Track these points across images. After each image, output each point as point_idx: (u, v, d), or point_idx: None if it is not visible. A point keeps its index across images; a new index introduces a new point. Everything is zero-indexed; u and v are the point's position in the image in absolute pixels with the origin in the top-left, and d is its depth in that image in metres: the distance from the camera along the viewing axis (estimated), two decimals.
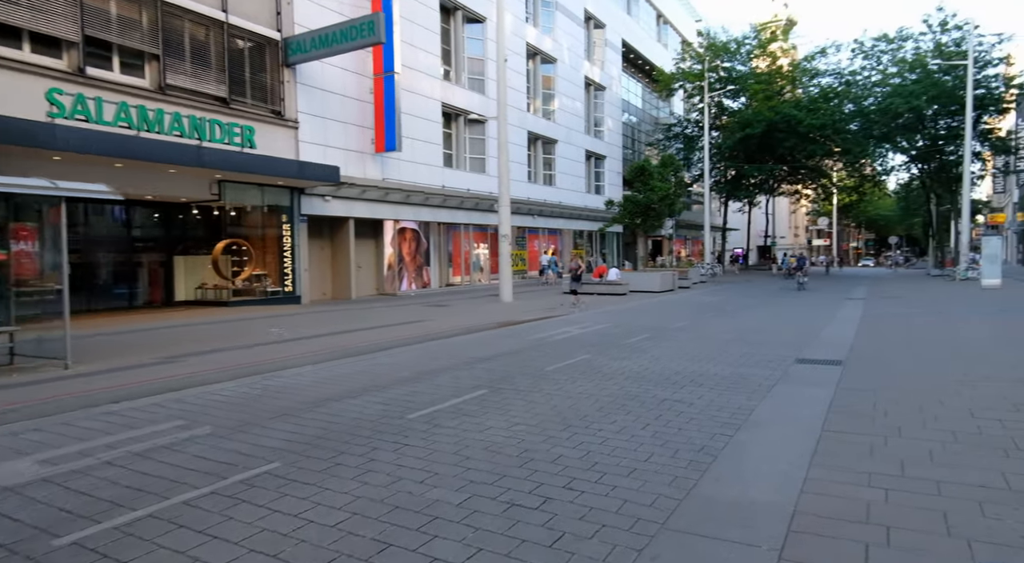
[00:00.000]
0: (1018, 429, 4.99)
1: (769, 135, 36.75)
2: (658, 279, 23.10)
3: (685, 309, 16.65)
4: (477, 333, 11.83)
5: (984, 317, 13.37)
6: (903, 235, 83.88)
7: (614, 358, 8.86)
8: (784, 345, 9.83)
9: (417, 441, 4.95)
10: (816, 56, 38.19)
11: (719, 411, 5.83)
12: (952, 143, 34.60)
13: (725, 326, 12.50)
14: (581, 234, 35.99)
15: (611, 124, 37.84)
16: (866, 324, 12.52)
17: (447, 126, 24.71)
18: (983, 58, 32.42)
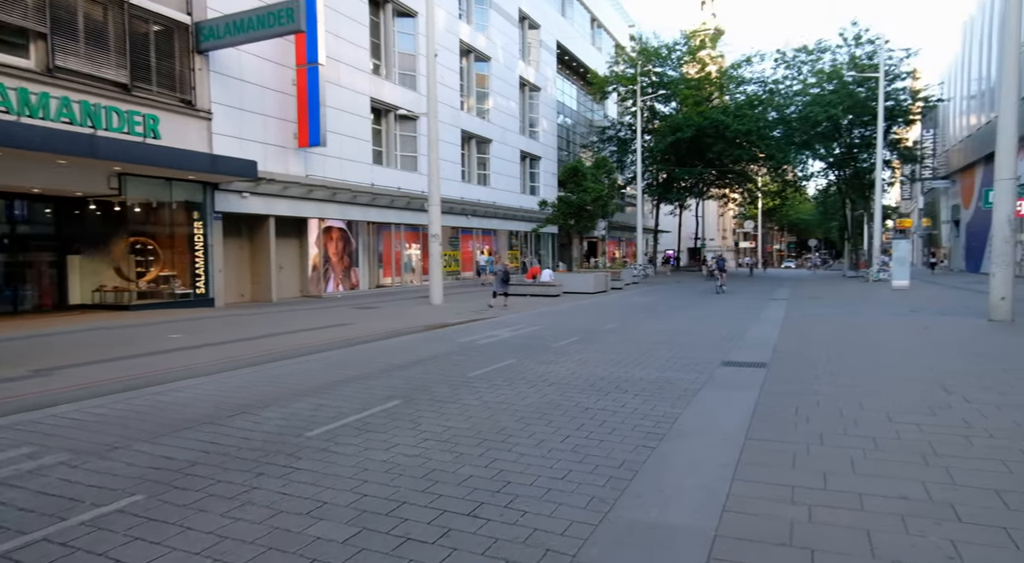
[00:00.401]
0: (934, 433, 4.94)
1: (698, 139, 37.75)
2: (591, 280, 23.10)
3: (616, 310, 16.61)
4: (400, 337, 11.27)
5: (896, 317, 13.90)
6: (822, 238, 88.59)
7: (541, 362, 8.53)
8: (711, 347, 9.79)
9: (310, 464, 4.41)
10: (742, 64, 39.52)
11: (643, 420, 5.56)
12: (865, 151, 36.56)
13: (655, 328, 12.44)
14: (516, 235, 35.82)
15: (546, 125, 37.85)
16: (789, 325, 12.75)
17: (377, 122, 23.91)
18: (893, 71, 34.38)
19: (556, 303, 19.01)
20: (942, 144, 45.80)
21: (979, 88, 36.19)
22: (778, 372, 7.64)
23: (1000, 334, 10.75)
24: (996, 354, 8.59)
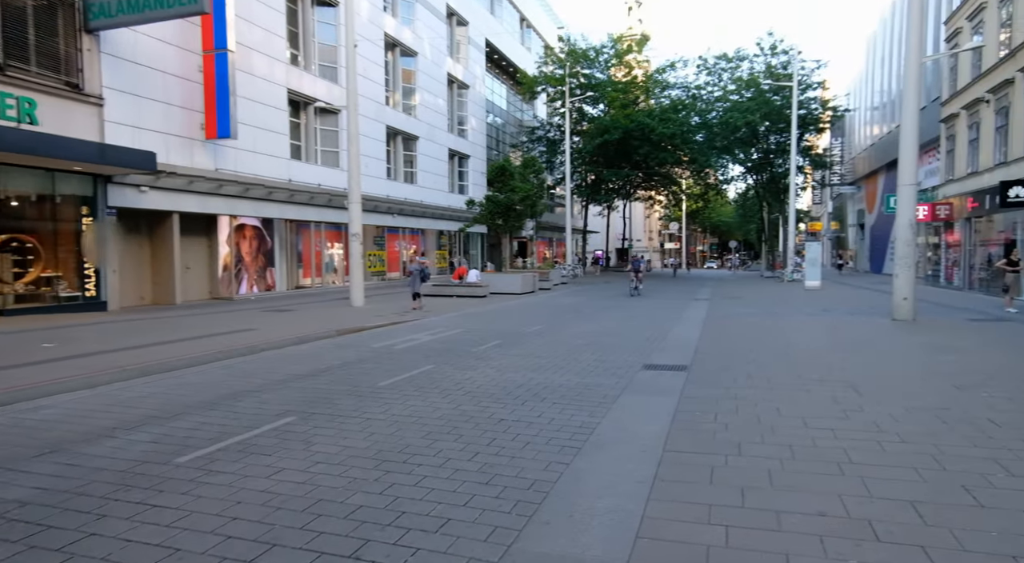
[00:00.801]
0: (848, 439, 4.85)
1: (625, 142, 38.36)
2: (519, 281, 22.86)
3: (543, 312, 16.38)
4: (310, 343, 10.54)
5: (809, 317, 14.34)
6: (741, 240, 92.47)
7: (459, 368, 8.10)
8: (634, 349, 9.65)
9: (171, 499, 3.79)
10: (666, 69, 40.47)
11: (559, 432, 5.23)
12: (780, 157, 38.23)
13: (579, 330, 12.25)
14: (445, 234, 35.19)
15: (475, 123, 37.41)
16: (709, 325, 12.87)
17: (295, 115, 22.75)
18: (805, 81, 36.10)
19: (482, 304, 18.61)
20: (849, 152, 48.68)
21: (881, 100, 38.61)
22: (698, 375, 7.53)
23: (903, 333, 11.20)
24: (901, 354, 8.85)
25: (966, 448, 4.57)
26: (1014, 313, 13.61)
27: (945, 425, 5.16)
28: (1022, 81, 17.70)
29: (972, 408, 5.69)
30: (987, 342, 9.95)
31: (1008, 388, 6.50)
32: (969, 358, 8.44)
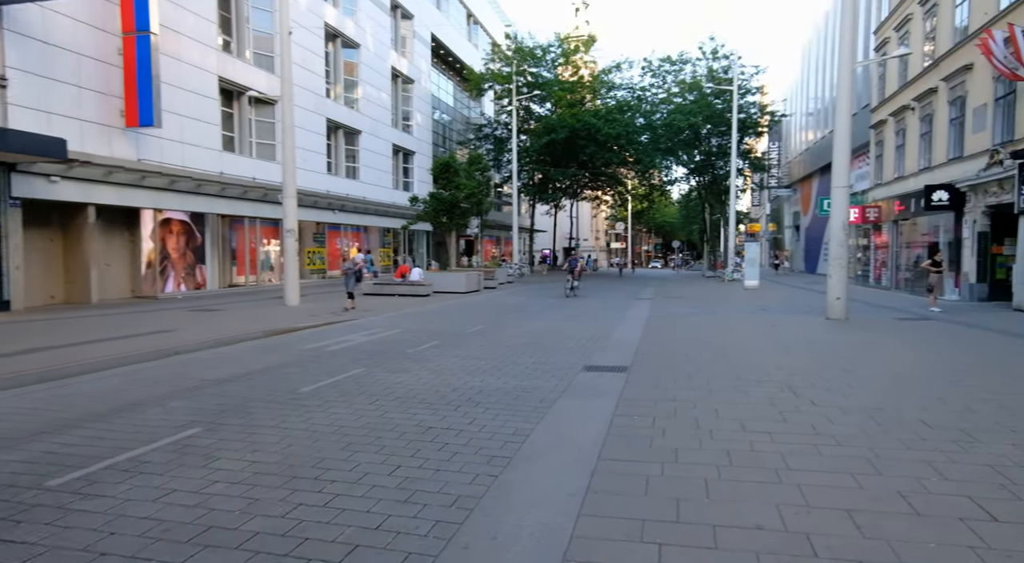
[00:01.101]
0: (785, 443, 4.72)
1: (572, 141, 38.46)
2: (463, 279, 22.46)
3: (486, 311, 16.06)
4: (233, 345, 9.88)
5: (748, 316, 14.54)
6: (684, 240, 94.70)
7: (391, 371, 7.68)
8: (575, 350, 9.45)
9: (30, 531, 3.26)
10: (612, 70, 40.81)
11: (490, 440, 4.91)
12: (722, 159, 39.11)
13: (521, 329, 11.98)
14: (390, 232, 34.41)
15: (420, 119, 36.74)
16: (651, 325, 12.84)
17: (228, 105, 21.66)
18: (745, 86, 37.05)
19: (425, 303, 18.14)
20: (785, 156, 50.44)
21: (816, 106, 40.10)
22: (638, 376, 7.36)
23: (836, 332, 11.42)
24: (835, 353, 8.96)
25: (900, 450, 4.51)
26: (938, 312, 14.16)
27: (879, 427, 5.11)
28: (944, 90, 18.53)
29: (904, 408, 5.69)
30: (915, 341, 10.22)
31: (937, 388, 6.58)
32: (899, 357, 8.60)
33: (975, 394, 6.23)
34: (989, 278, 16.44)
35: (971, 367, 7.82)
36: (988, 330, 11.35)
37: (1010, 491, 3.73)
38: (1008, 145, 14.87)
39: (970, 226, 16.72)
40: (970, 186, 16.45)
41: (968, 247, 16.78)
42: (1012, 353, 8.98)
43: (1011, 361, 8.32)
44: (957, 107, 17.90)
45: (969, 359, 8.45)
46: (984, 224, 16.35)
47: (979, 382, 6.83)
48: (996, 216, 16.11)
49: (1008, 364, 8.09)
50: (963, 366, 7.88)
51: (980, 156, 16.24)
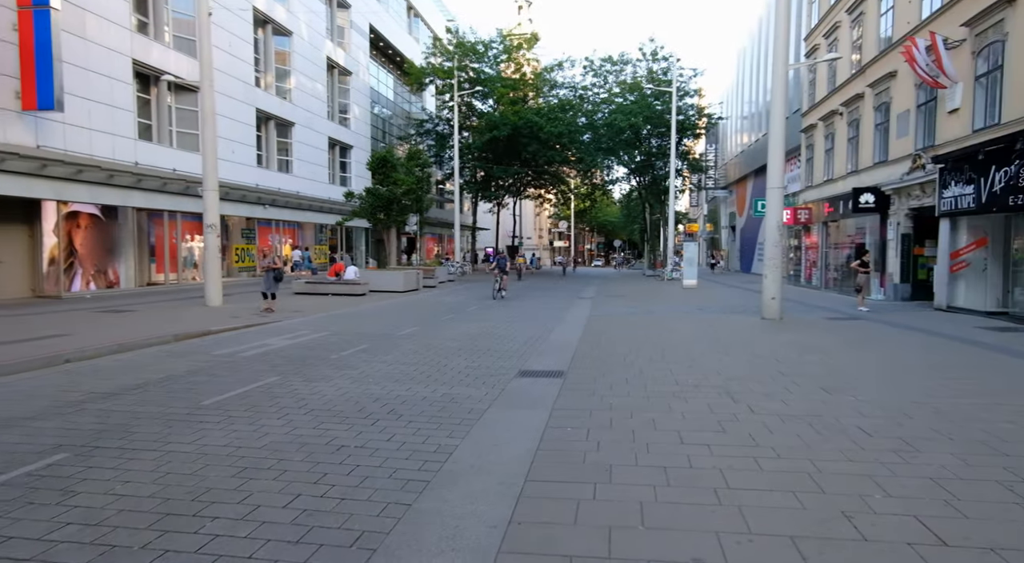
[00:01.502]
0: (724, 456, 4.44)
1: (515, 139, 38.20)
2: (401, 278, 21.74)
3: (422, 311, 15.47)
4: (138, 351, 8.98)
5: (687, 315, 14.52)
6: (626, 239, 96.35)
7: (310, 380, 7.05)
8: (511, 353, 9.05)
9: None
10: (555, 68, 40.75)
11: (408, 460, 4.42)
12: (661, 160, 39.70)
13: (457, 331, 11.49)
14: (326, 229, 33.18)
15: (359, 112, 35.60)
16: (591, 325, 12.60)
17: (145, 90, 20.18)
18: (683, 88, 37.69)
19: (359, 303, 17.37)
20: (722, 158, 51.77)
21: (750, 110, 41.23)
22: (575, 381, 7.01)
23: (772, 332, 11.46)
24: (771, 355, 8.89)
25: (841, 463, 4.29)
26: (866, 312, 14.53)
27: (819, 436, 4.91)
28: (871, 96, 19.17)
29: (842, 414, 5.54)
30: (847, 341, 10.33)
31: (871, 391, 6.51)
32: (833, 358, 8.60)
33: (909, 397, 6.17)
34: (912, 278, 17.08)
35: (901, 369, 7.87)
36: (913, 330, 11.65)
37: (955, 508, 3.53)
38: (929, 150, 15.44)
39: (894, 228, 17.33)
40: (894, 189, 17.04)
41: (892, 248, 17.39)
42: (939, 354, 9.15)
43: (939, 362, 8.43)
44: (882, 113, 18.54)
45: (899, 360, 8.52)
46: (907, 226, 16.97)
47: (911, 385, 6.82)
48: (918, 219, 16.73)
49: (936, 365, 8.18)
50: (894, 368, 7.91)
51: (903, 160, 16.83)
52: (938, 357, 8.74)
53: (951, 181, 13.94)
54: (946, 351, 9.29)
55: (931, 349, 9.46)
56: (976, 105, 13.70)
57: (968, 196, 13.26)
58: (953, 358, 8.69)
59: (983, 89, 13.57)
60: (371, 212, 23.43)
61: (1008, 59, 12.51)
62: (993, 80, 13.20)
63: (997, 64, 13.00)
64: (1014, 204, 11.69)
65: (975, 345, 9.77)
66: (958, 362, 8.37)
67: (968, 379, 7.14)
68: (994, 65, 13.13)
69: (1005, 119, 12.51)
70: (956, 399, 6.10)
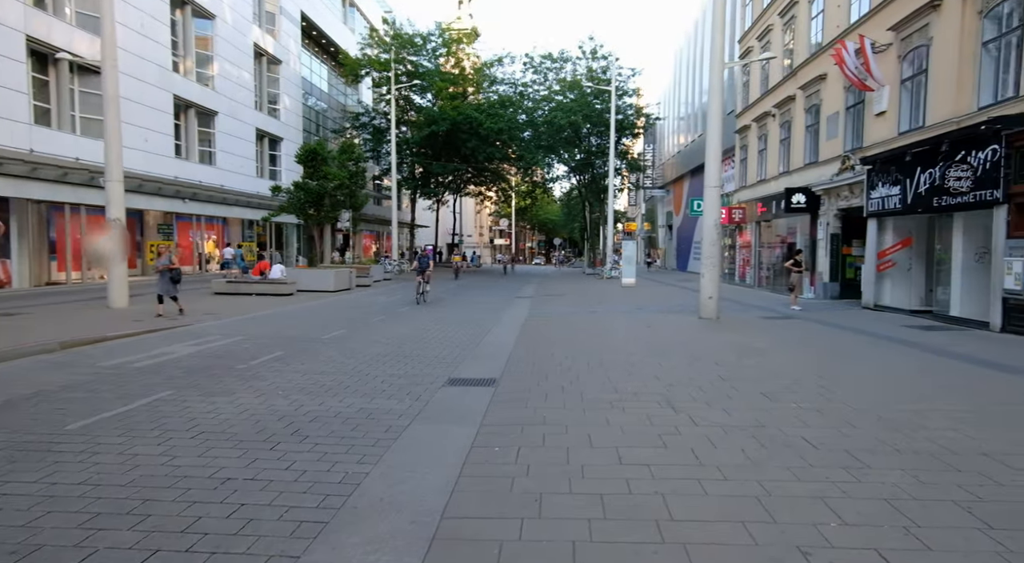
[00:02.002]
0: (666, 479, 4.00)
1: (454, 135, 37.52)
2: (332, 277, 20.71)
3: (352, 312, 14.61)
4: (13, 361, 7.85)
5: (625, 314, 14.28)
6: (566, 238, 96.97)
7: (207, 395, 6.23)
8: (442, 358, 8.45)
9: None
10: (495, 64, 40.23)
11: (306, 494, 3.76)
12: (601, 158, 39.86)
13: (387, 333, 10.77)
14: (258, 225, 31.47)
15: (289, 103, 34.00)
16: (529, 326, 12.14)
17: (41, 71, 18.36)
18: (622, 87, 37.93)
19: (284, 304, 16.32)
20: (659, 158, 52.63)
21: (687, 111, 41.97)
22: (507, 390, 6.49)
23: (710, 332, 11.31)
24: (710, 357, 8.64)
25: (791, 483, 3.92)
26: (798, 311, 14.70)
27: (764, 450, 4.56)
28: (802, 98, 19.56)
29: (785, 424, 5.23)
30: (783, 341, 10.25)
31: (812, 396, 6.27)
32: (771, 360, 8.42)
33: (849, 403, 5.96)
34: (841, 277, 17.49)
35: (837, 371, 7.74)
36: (844, 328, 11.75)
37: (916, 537, 3.19)
38: (858, 152, 15.79)
39: (824, 228, 17.70)
40: (824, 190, 17.40)
41: (823, 248, 17.77)
42: (871, 355, 9.15)
43: (872, 364, 8.39)
44: (813, 114, 18.94)
45: (834, 362, 8.42)
46: (836, 226, 17.36)
47: (848, 389, 6.64)
48: (847, 219, 17.14)
49: (871, 367, 8.12)
50: (830, 370, 7.78)
51: (833, 161, 17.20)
52: (871, 358, 8.71)
53: (878, 182, 14.25)
54: (878, 352, 9.30)
55: (864, 349, 9.47)
56: (902, 108, 14.04)
57: (894, 197, 13.57)
58: (885, 359, 8.67)
59: (908, 93, 13.92)
60: (300, 207, 22.21)
61: (932, 63, 12.84)
62: (918, 84, 13.54)
63: (922, 68, 13.33)
64: (938, 205, 11.98)
65: (903, 344, 9.87)
66: (891, 363, 8.35)
67: (902, 382, 7.05)
68: (919, 69, 13.47)
69: (929, 122, 12.83)
70: (895, 404, 5.93)
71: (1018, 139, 9.99)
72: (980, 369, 7.82)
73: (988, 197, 10.56)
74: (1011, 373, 7.55)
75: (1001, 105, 10.83)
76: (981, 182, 10.67)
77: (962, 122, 11.71)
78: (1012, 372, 7.61)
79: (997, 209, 10.49)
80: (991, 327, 10.67)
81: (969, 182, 10.59)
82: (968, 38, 11.82)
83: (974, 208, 11.12)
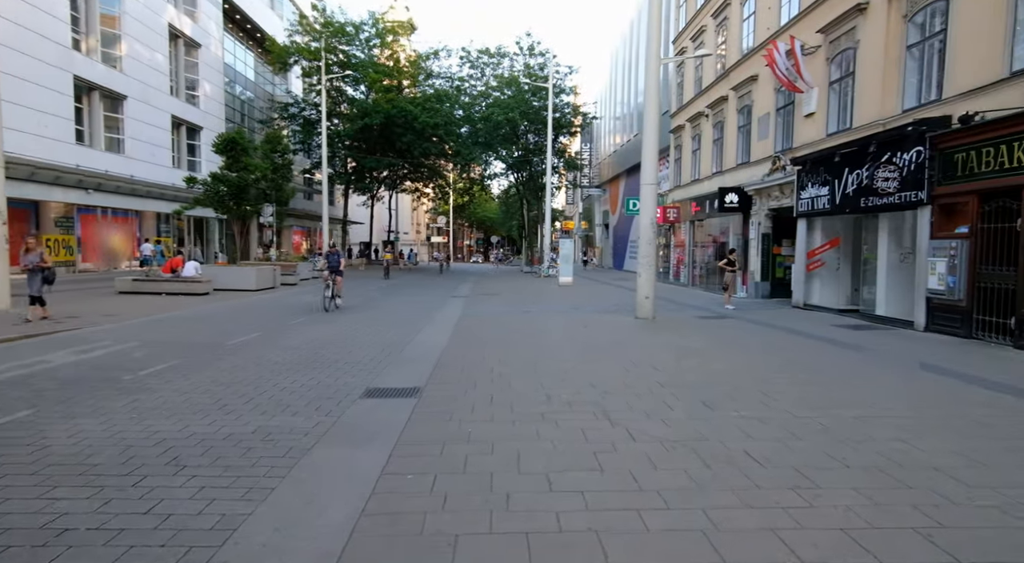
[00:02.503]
0: (601, 510, 3.49)
1: (388, 128, 36.40)
2: (253, 275, 19.44)
3: (271, 313, 13.58)
4: None
5: (561, 315, 13.88)
6: (505, 236, 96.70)
7: (74, 414, 5.33)
8: (363, 363, 7.74)
9: None
10: (430, 57, 39.29)
11: (165, 548, 3.03)
12: (538, 156, 39.62)
13: (304, 337, 9.92)
14: (170, 219, 29.37)
15: (210, 90, 31.96)
16: (462, 327, 11.53)
17: None
18: (559, 85, 37.80)
19: (197, 304, 15.06)
20: (596, 157, 53.00)
21: (623, 111, 42.30)
22: (431, 401, 5.87)
23: (646, 333, 11.03)
24: (648, 361, 8.30)
25: (739, 511, 3.49)
26: (732, 310, 14.72)
27: (708, 470, 4.13)
28: (734, 99, 19.78)
29: (728, 437, 4.85)
30: (720, 342, 10.07)
31: (752, 403, 5.96)
32: (709, 363, 8.15)
33: (790, 410, 5.67)
34: (771, 277, 17.75)
35: (774, 374, 7.51)
36: (777, 328, 11.74)
37: None
38: (788, 152, 16.00)
39: (756, 227, 17.92)
40: (755, 190, 17.60)
41: (754, 247, 17.99)
42: (805, 355, 9.05)
43: (808, 365, 8.25)
44: (745, 115, 19.16)
45: (771, 364, 8.23)
46: (767, 226, 17.60)
47: (789, 395, 6.38)
48: (777, 219, 17.39)
49: (807, 369, 7.96)
50: (767, 373, 7.55)
51: (764, 162, 17.42)
52: (806, 360, 8.58)
53: (808, 183, 14.44)
54: (812, 352, 9.22)
55: (798, 350, 9.37)
56: (830, 110, 14.27)
57: (823, 197, 13.75)
58: (820, 360, 8.57)
59: (837, 94, 14.15)
60: (218, 200, 20.72)
61: (859, 66, 13.05)
62: (846, 86, 13.77)
63: (849, 70, 13.56)
64: (865, 206, 12.16)
65: (835, 344, 9.85)
66: (826, 364, 8.23)
67: (840, 385, 6.87)
68: (847, 71, 13.70)
69: (856, 124, 13.05)
70: (837, 411, 5.68)
71: (941, 141, 10.17)
72: (912, 371, 7.79)
73: (913, 198, 10.75)
74: (941, 374, 7.54)
75: (925, 108, 11.04)
76: (907, 183, 10.85)
77: (888, 124, 11.92)
78: (941, 373, 7.60)
79: (921, 210, 10.68)
80: (915, 326, 10.87)
81: (896, 183, 10.75)
82: (893, 41, 12.03)
83: (900, 209, 11.31)
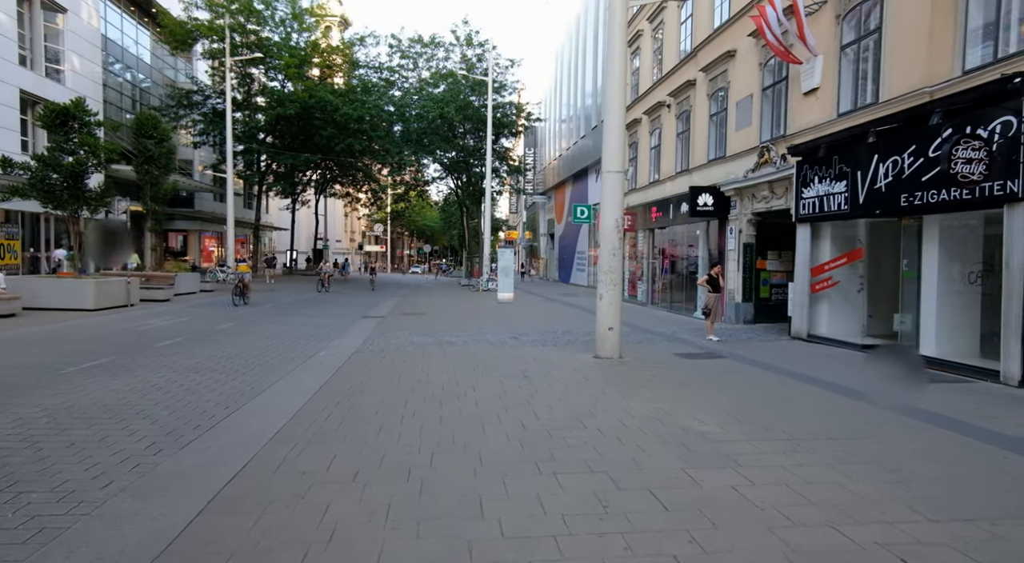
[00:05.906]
0: None
1: (307, 121, 31.95)
2: (91, 291, 14.83)
3: (72, 349, 9.17)
4: None
5: (496, 349, 10.06)
6: (447, 245, 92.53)
7: None
8: (138, 447, 3.65)
9: None
10: (355, 43, 35.18)
11: None
12: (478, 157, 36.03)
13: (81, 395, 5.68)
14: (34, 216, 23.91)
15: (80, 65, 26.62)
16: (346, 373, 7.56)
17: None
18: (500, 80, 34.39)
19: None
20: (540, 163, 49.80)
21: (569, 113, 39.19)
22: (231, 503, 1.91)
23: (616, 390, 7.33)
24: (632, 460, 4.59)
25: None
26: (717, 343, 11.26)
27: None
28: (704, 82, 16.61)
29: None
30: (733, 412, 6.48)
31: None
32: (746, 469, 4.50)
33: None
34: (754, 297, 14.49)
35: (883, 503, 3.92)
36: (802, 379, 8.23)
37: None
38: (780, 141, 12.80)
39: (735, 236, 14.66)
40: (736, 189, 14.36)
41: (733, 260, 14.69)
42: (887, 438, 5.53)
43: (905, 459, 4.71)
44: (718, 101, 15.99)
45: (857, 470, 4.65)
46: (750, 234, 14.36)
47: None
48: (762, 225, 14.20)
49: (907, 474, 4.41)
50: (854, 495, 3.95)
51: (746, 155, 14.23)
52: (895, 453, 5.05)
53: (814, 178, 11.19)
54: (890, 431, 5.71)
55: (866, 426, 5.85)
56: (842, 82, 11.08)
57: (839, 195, 10.49)
58: (913, 449, 5.05)
59: (850, 62, 10.98)
60: (47, 190, 15.87)
61: (889, 19, 9.87)
62: (864, 49, 10.61)
63: (871, 28, 10.40)
64: (908, 205, 8.91)
65: (927, 421, 6.40)
66: (962, 474, 4.71)
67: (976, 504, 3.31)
68: (866, 30, 10.54)
69: (885, 97, 9.85)
70: None
71: None
72: None
73: (999, 191, 7.52)
74: None
75: (1008, 62, 7.81)
76: (993, 168, 7.50)
77: (936, 93, 8.74)
78: None
79: (1013, 207, 7.44)
80: (1004, 378, 7.58)
81: (983, 167, 7.45)
82: None
83: (973, 207, 8.08)
